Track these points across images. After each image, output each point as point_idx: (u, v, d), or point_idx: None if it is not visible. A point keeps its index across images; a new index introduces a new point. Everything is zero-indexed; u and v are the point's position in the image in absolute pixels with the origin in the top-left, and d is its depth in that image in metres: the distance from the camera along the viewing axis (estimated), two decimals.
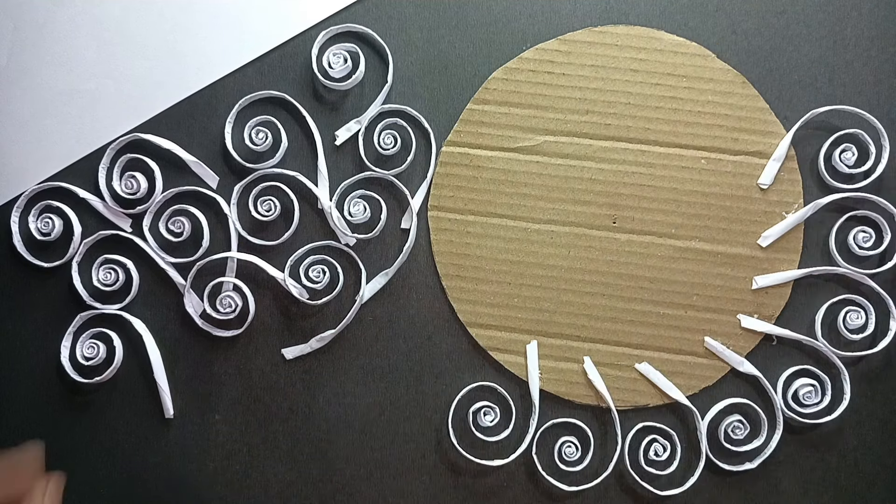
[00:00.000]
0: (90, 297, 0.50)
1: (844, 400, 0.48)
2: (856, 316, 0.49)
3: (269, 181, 0.50)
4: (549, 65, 0.50)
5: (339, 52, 0.50)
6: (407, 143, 0.51)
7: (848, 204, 0.49)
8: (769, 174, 0.49)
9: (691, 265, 0.50)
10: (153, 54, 0.51)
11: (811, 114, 0.49)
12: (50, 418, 0.50)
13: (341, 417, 0.50)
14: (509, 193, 0.50)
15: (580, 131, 0.50)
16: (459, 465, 0.50)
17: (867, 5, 0.51)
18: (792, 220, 0.49)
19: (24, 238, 0.50)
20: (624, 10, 0.51)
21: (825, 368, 0.49)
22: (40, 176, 0.50)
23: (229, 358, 0.51)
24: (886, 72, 0.50)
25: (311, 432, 0.50)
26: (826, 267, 0.49)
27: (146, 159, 0.50)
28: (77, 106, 0.51)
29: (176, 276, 0.50)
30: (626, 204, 0.50)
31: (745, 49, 0.51)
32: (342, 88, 0.51)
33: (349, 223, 0.50)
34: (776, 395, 0.49)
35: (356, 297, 0.50)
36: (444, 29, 0.51)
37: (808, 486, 0.49)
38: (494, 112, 0.50)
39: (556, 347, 0.50)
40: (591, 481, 0.49)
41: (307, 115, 0.51)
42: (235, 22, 0.51)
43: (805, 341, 0.49)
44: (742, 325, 0.49)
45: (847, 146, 0.49)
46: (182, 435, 0.50)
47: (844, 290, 0.50)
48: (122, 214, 0.50)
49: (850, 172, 0.49)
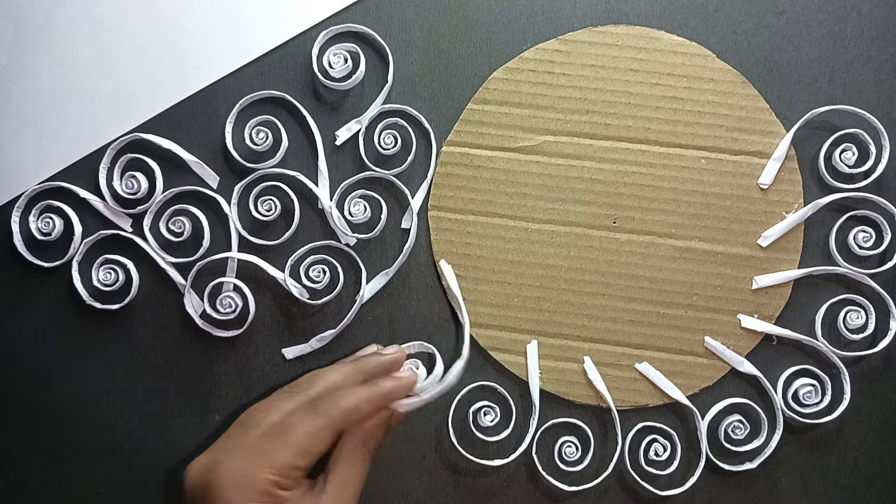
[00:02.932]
0: (90, 297, 0.50)
1: (844, 400, 0.48)
2: (856, 316, 0.49)
3: (270, 181, 0.50)
4: (550, 65, 0.50)
5: (339, 52, 0.50)
6: (407, 142, 0.51)
7: (848, 204, 0.49)
8: (769, 174, 0.49)
9: (691, 265, 0.50)
10: (153, 54, 0.51)
11: (811, 114, 0.49)
12: (50, 418, 0.51)
13: None
14: (509, 193, 0.50)
15: (580, 131, 0.50)
16: (459, 465, 0.50)
17: (867, 5, 0.51)
18: (792, 220, 0.49)
19: (25, 238, 0.50)
20: (624, 9, 0.51)
21: (825, 368, 0.49)
22: (40, 176, 0.50)
23: (229, 358, 0.51)
24: (886, 72, 0.50)
25: None
26: (826, 267, 0.49)
27: (147, 159, 0.50)
28: (77, 106, 0.51)
29: (176, 276, 0.50)
30: (627, 204, 0.50)
31: (745, 49, 0.51)
32: (342, 88, 0.51)
33: (349, 223, 0.50)
34: (776, 394, 0.49)
35: (356, 296, 0.50)
36: (444, 29, 0.51)
37: (808, 486, 0.49)
38: (494, 112, 0.51)
39: (556, 347, 0.50)
40: (591, 481, 0.49)
41: (307, 115, 0.51)
42: (235, 22, 0.51)
43: (805, 341, 0.49)
44: (742, 325, 0.49)
45: (847, 146, 0.49)
46: (182, 435, 0.50)
47: (844, 290, 0.50)
48: (123, 214, 0.50)
49: (850, 172, 0.49)
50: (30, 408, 0.50)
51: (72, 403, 0.50)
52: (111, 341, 0.51)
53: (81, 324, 0.51)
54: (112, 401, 0.50)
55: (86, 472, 0.50)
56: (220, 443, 0.41)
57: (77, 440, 0.50)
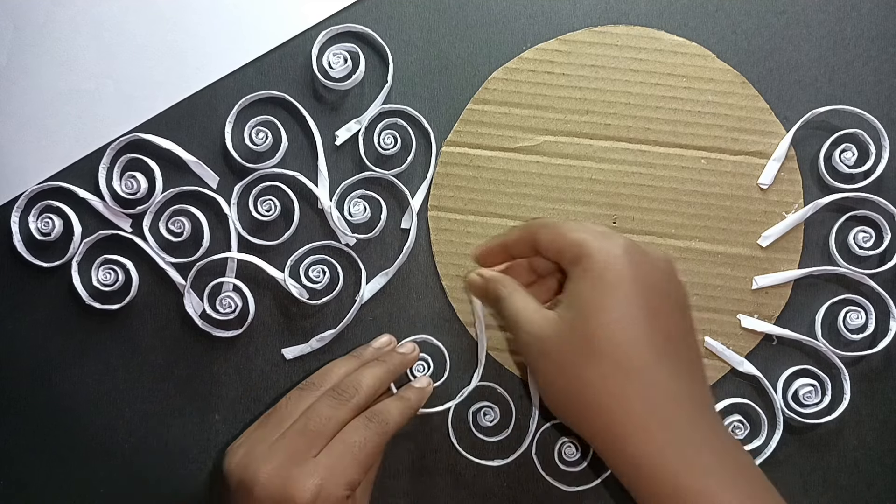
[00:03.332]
0: (90, 298, 0.50)
1: (844, 400, 0.48)
2: (856, 316, 0.49)
3: (270, 181, 0.50)
4: (549, 65, 0.50)
5: (339, 52, 0.50)
6: (407, 143, 0.51)
7: (848, 204, 0.49)
8: (769, 174, 0.49)
9: (691, 265, 0.50)
10: (153, 54, 0.51)
11: (811, 114, 0.49)
12: (50, 418, 0.51)
13: None
14: (509, 193, 0.50)
15: (580, 131, 0.50)
16: (459, 465, 0.50)
17: (867, 5, 0.51)
18: (792, 220, 0.49)
19: (25, 238, 0.50)
20: (624, 9, 0.51)
21: (825, 369, 0.49)
22: (40, 176, 0.50)
23: (229, 358, 0.51)
24: (886, 72, 0.50)
25: None
26: (826, 267, 0.49)
27: (146, 159, 0.50)
28: (77, 106, 0.51)
29: (176, 276, 0.50)
30: (626, 204, 0.50)
31: (745, 49, 0.51)
32: (342, 88, 0.51)
33: (349, 223, 0.50)
34: (776, 394, 0.49)
35: (356, 296, 0.50)
36: (444, 29, 0.51)
37: (808, 486, 0.49)
38: (494, 112, 0.51)
39: None
40: (591, 481, 0.49)
41: (307, 116, 0.50)
42: (235, 22, 0.51)
43: (805, 341, 0.49)
44: (742, 325, 0.49)
45: (847, 146, 0.49)
46: (182, 435, 0.50)
47: (844, 290, 0.50)
48: (123, 215, 0.50)
49: (850, 172, 0.49)
50: (30, 408, 0.50)
51: (72, 403, 0.50)
52: (111, 341, 0.51)
53: (81, 324, 0.51)
54: (112, 401, 0.50)
55: (86, 472, 0.50)
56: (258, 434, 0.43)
57: (77, 440, 0.50)
